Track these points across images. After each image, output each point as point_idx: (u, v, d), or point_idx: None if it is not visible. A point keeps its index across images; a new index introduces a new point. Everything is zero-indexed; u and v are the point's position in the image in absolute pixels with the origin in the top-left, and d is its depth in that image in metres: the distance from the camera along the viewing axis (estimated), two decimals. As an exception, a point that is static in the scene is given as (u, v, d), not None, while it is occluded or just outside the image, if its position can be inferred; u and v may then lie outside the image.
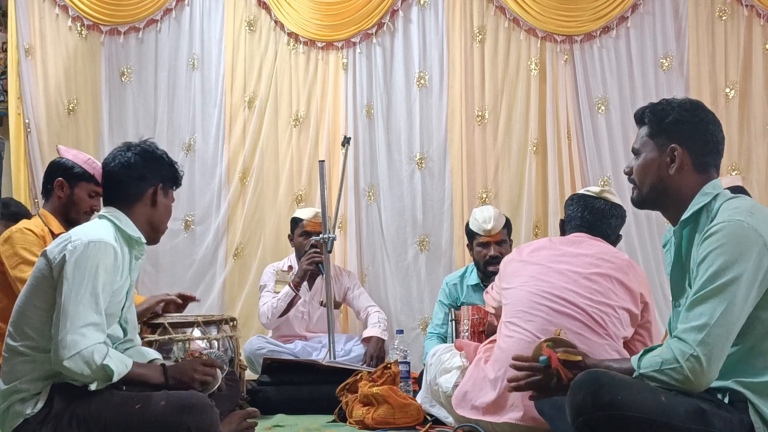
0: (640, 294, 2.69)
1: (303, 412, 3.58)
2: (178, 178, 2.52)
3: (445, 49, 5.06)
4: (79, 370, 2.12)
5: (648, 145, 2.05)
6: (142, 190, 2.40)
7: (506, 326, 2.74)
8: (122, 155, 2.42)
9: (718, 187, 1.99)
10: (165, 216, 2.48)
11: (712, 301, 1.81)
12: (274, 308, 4.17)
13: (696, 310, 1.83)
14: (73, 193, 3.07)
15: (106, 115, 5.24)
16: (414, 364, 3.91)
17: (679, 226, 2.00)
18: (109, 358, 2.15)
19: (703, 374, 1.80)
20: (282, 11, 5.15)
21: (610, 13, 4.96)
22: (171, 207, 2.52)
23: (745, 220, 1.85)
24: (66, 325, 2.12)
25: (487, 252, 3.88)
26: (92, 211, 3.11)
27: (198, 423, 2.14)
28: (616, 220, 2.91)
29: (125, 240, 2.34)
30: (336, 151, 5.04)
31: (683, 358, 1.80)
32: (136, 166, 2.40)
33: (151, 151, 2.46)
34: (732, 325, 1.81)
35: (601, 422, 1.78)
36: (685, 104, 2.04)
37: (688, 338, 1.81)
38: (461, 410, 2.78)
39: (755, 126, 4.87)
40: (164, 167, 2.46)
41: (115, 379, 2.17)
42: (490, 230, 3.87)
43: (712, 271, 1.83)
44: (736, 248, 1.82)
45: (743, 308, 1.82)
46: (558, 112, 4.98)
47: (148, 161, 2.43)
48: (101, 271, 2.19)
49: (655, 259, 4.84)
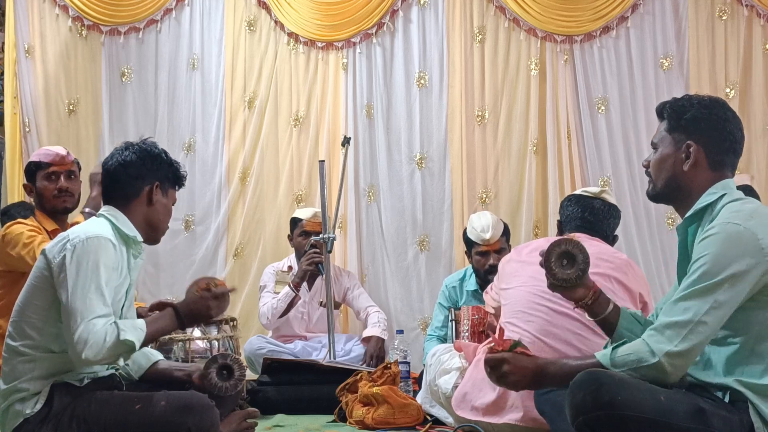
0: (639, 294, 2.70)
1: (303, 412, 3.58)
2: (179, 178, 2.49)
3: (445, 49, 5.07)
4: (100, 356, 2.12)
5: (666, 139, 2.04)
6: (139, 189, 2.37)
7: (505, 326, 2.73)
8: (120, 154, 2.40)
9: (728, 187, 1.97)
10: (164, 215, 2.44)
11: (698, 299, 1.82)
12: (274, 309, 4.17)
13: (680, 305, 1.84)
14: (36, 187, 3.17)
15: (106, 115, 5.25)
16: (414, 364, 3.91)
17: (683, 223, 2.00)
18: (123, 331, 2.14)
19: (678, 370, 1.82)
20: (282, 11, 5.15)
21: (610, 13, 4.97)
22: (171, 207, 2.49)
23: (742, 223, 1.84)
24: (76, 321, 2.11)
25: (487, 261, 3.85)
26: (61, 191, 3.14)
27: (198, 423, 2.14)
28: (613, 220, 2.92)
29: (122, 238, 2.33)
30: (336, 151, 5.04)
31: (661, 354, 1.81)
32: (133, 165, 2.37)
33: (149, 149, 2.43)
34: (714, 326, 1.82)
35: (601, 422, 1.78)
36: (705, 101, 2.02)
37: (669, 333, 1.82)
38: (461, 411, 2.78)
39: (755, 126, 4.87)
40: (162, 166, 2.43)
41: (138, 346, 2.17)
42: (488, 239, 3.82)
43: (702, 272, 1.84)
44: (728, 251, 1.82)
45: (728, 311, 1.83)
46: (558, 112, 4.98)
47: (145, 160, 2.40)
48: (102, 265, 2.18)
49: (655, 259, 4.85)
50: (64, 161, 3.16)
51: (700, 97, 2.04)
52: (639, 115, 4.94)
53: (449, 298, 4.04)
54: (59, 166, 3.15)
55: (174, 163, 2.48)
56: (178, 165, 2.50)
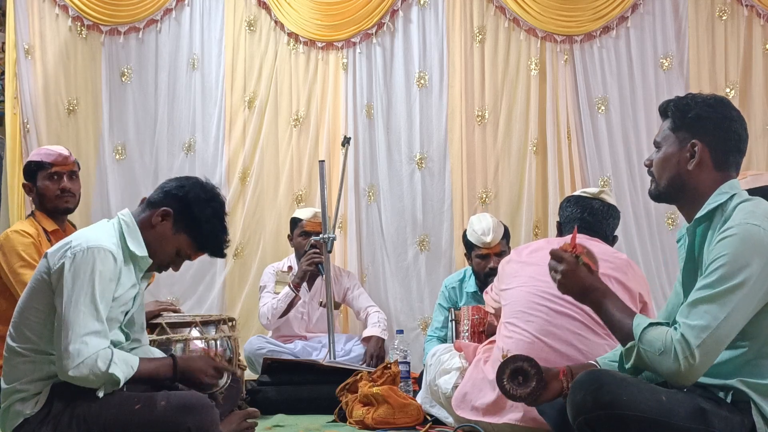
0: (639, 294, 2.69)
1: (303, 412, 3.58)
2: (208, 248, 2.37)
3: (445, 49, 5.06)
4: (84, 379, 2.12)
5: (669, 138, 2.01)
6: (158, 205, 2.32)
7: (505, 327, 2.74)
8: (183, 185, 2.34)
9: (735, 187, 1.95)
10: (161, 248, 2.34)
11: (717, 303, 1.78)
12: (274, 309, 4.17)
13: (700, 308, 1.80)
14: (37, 187, 3.15)
15: (106, 115, 5.24)
16: (414, 364, 3.91)
17: (693, 224, 1.97)
18: (114, 364, 2.14)
19: (693, 374, 1.78)
20: (282, 11, 5.15)
21: (610, 13, 4.96)
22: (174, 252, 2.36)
23: (760, 224, 1.82)
24: (68, 335, 2.11)
25: (487, 264, 3.86)
26: (62, 191, 3.14)
27: (198, 423, 2.14)
28: (612, 220, 2.92)
29: (124, 251, 2.28)
30: (336, 151, 5.04)
31: (682, 356, 1.77)
32: (174, 199, 2.31)
33: (203, 205, 2.32)
34: (732, 330, 1.79)
35: (602, 421, 1.78)
36: (710, 100, 2.01)
37: (689, 337, 1.78)
38: (461, 411, 2.78)
39: (755, 126, 4.86)
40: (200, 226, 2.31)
41: (122, 383, 2.16)
42: (489, 243, 3.82)
43: (721, 273, 1.80)
44: (747, 252, 1.79)
45: (747, 314, 1.80)
46: (558, 112, 4.98)
47: (191, 206, 2.31)
48: (99, 277, 2.16)
49: (655, 260, 4.85)
50: (66, 161, 3.16)
51: (705, 95, 2.02)
52: (639, 115, 4.94)
53: (449, 299, 4.04)
54: (62, 167, 3.14)
55: (218, 232, 2.35)
56: (222, 238, 2.37)
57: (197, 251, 2.38)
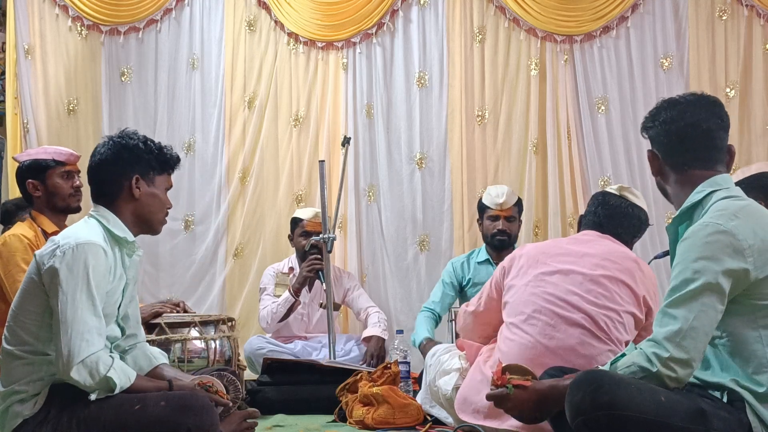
0: (643, 297, 2.64)
1: (303, 412, 3.57)
2: (165, 162, 2.38)
3: (445, 49, 5.07)
4: (83, 380, 2.12)
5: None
6: (120, 186, 2.32)
7: (508, 328, 2.70)
8: (98, 151, 2.36)
9: (718, 183, 1.95)
10: (155, 206, 2.36)
11: (684, 306, 1.81)
12: (274, 313, 4.18)
13: (669, 313, 1.83)
14: (47, 185, 3.12)
15: (106, 115, 5.25)
16: (414, 364, 3.91)
17: (672, 223, 2.01)
18: (113, 370, 2.14)
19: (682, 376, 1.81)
20: (282, 11, 5.15)
21: (610, 13, 4.97)
22: (163, 195, 2.39)
23: (723, 223, 1.83)
24: (68, 333, 2.10)
25: (496, 225, 3.94)
26: (76, 190, 3.15)
27: (198, 423, 2.14)
28: (631, 220, 2.78)
29: (114, 239, 2.30)
30: (336, 151, 5.04)
31: (660, 363, 1.80)
32: (109, 162, 2.32)
33: (124, 142, 2.34)
34: (707, 328, 1.81)
35: (601, 422, 1.78)
36: (660, 105, 2.07)
37: (664, 342, 1.81)
38: (463, 415, 2.74)
39: (755, 126, 4.87)
40: (141, 156, 2.34)
41: (117, 392, 2.16)
42: (501, 204, 3.93)
43: (683, 277, 1.83)
44: (708, 252, 1.82)
45: (718, 312, 1.82)
46: (558, 112, 4.98)
47: (121, 154, 2.33)
48: (93, 272, 2.16)
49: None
50: (77, 161, 3.21)
51: (662, 102, 2.08)
52: (639, 115, 4.93)
53: (454, 275, 4.08)
54: (73, 166, 3.19)
55: (155, 148, 2.37)
56: (161, 149, 2.38)
57: (169, 177, 2.42)
